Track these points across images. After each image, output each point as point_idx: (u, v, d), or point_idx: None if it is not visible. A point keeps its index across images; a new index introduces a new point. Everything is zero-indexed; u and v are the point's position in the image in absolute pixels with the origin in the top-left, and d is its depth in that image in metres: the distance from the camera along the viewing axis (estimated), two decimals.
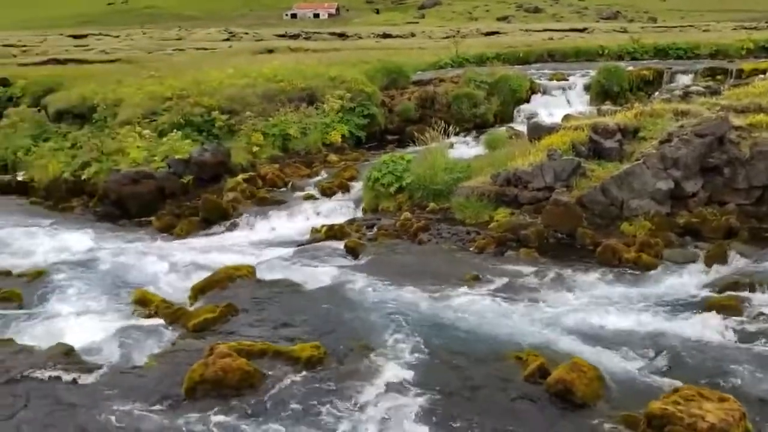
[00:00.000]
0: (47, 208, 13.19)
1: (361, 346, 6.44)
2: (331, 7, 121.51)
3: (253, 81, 16.77)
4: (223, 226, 11.15)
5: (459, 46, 25.08)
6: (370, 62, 19.72)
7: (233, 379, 5.72)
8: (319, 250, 9.37)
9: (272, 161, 14.06)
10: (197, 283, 8.14)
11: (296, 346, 6.33)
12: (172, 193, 12.38)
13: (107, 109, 16.07)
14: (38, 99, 19.91)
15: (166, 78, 17.74)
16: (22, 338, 6.87)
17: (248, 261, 8.93)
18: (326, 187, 12.24)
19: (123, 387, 5.79)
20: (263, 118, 15.11)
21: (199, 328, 6.95)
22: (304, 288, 7.94)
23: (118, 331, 7.03)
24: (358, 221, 10.59)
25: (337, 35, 55.26)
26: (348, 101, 16.39)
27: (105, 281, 8.82)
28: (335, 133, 15.45)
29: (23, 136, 16.72)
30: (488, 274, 8.11)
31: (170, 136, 13.53)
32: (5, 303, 7.89)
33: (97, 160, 13.32)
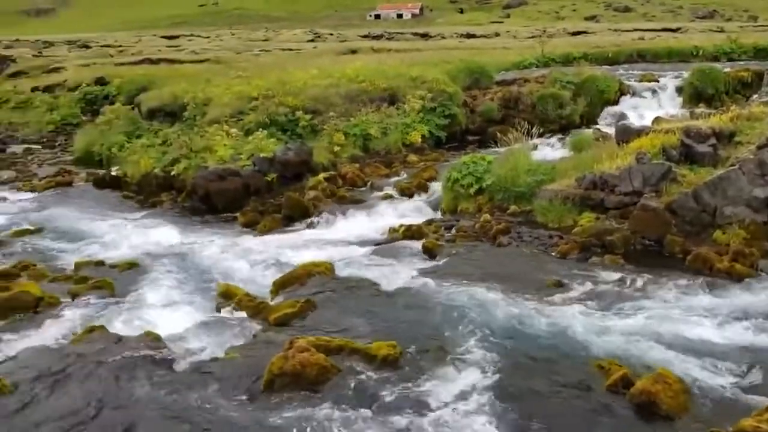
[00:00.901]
0: (138, 202, 13.76)
1: (437, 347, 6.41)
2: (414, 7, 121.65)
3: (336, 81, 16.98)
4: (304, 224, 11.33)
5: (545, 46, 24.59)
6: (453, 62, 19.62)
7: (311, 373, 5.81)
8: (396, 250, 9.38)
9: (353, 161, 14.19)
10: (278, 278, 8.31)
11: (373, 344, 6.36)
12: (257, 191, 12.67)
13: (197, 108, 16.60)
14: (132, 97, 20.83)
15: (253, 78, 18.19)
16: (113, 325, 7.20)
17: (327, 258, 9.03)
18: (405, 187, 12.25)
19: (206, 376, 5.97)
20: (345, 118, 15.27)
21: (279, 322, 7.10)
22: (381, 287, 7.96)
23: (203, 322, 7.28)
24: (436, 222, 10.54)
25: (419, 35, 55.28)
26: (429, 101, 16.34)
27: (191, 274, 9.12)
28: (415, 134, 15.44)
29: (118, 132, 17.50)
30: (571, 280, 7.90)
31: (256, 135, 13.86)
32: (98, 291, 8.28)
33: (186, 156, 13.77)
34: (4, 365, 6.20)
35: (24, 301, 7.72)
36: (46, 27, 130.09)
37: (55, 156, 19.82)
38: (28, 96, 27.67)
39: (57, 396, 5.59)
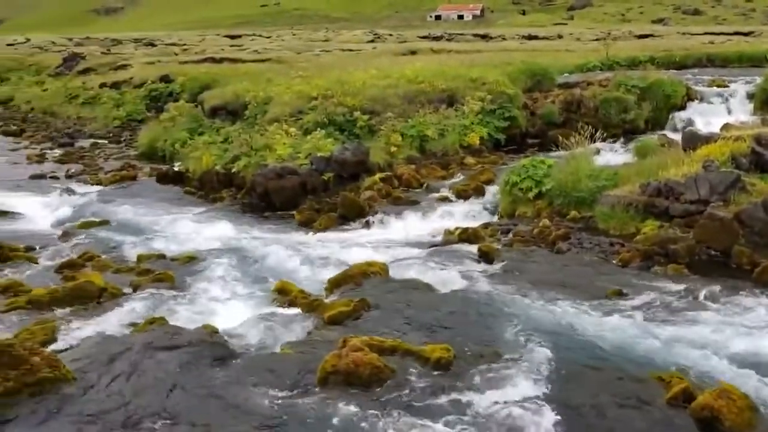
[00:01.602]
0: (199, 197, 14.07)
1: (491, 352, 6.32)
2: (475, 8, 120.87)
3: (394, 82, 16.98)
4: (359, 223, 11.38)
5: (609, 49, 24.06)
6: (513, 64, 19.38)
7: (364, 372, 5.81)
8: (451, 253, 9.30)
9: (409, 162, 14.16)
10: (333, 277, 8.35)
11: (426, 346, 6.32)
12: (314, 189, 12.79)
13: (257, 106, 16.86)
14: (195, 95, 21.28)
15: (313, 78, 18.35)
16: (172, 317, 7.36)
17: (381, 258, 9.04)
18: (461, 189, 12.15)
19: (261, 370, 6.04)
20: (403, 119, 15.25)
21: (333, 320, 7.12)
22: (435, 289, 7.92)
23: (259, 318, 7.36)
24: (493, 225, 10.41)
25: (480, 36, 54.87)
26: (488, 103, 16.16)
27: (248, 269, 9.25)
28: (473, 135, 15.30)
29: (181, 129, 17.95)
30: (632, 288, 7.68)
31: (314, 135, 13.98)
32: (159, 284, 8.48)
33: (246, 154, 14.00)
34: (68, 353, 6.40)
35: (88, 291, 7.97)
36: (114, 25, 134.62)
37: (120, 151, 20.47)
38: (96, 92, 28.68)
39: (117, 385, 5.74)
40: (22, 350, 5.64)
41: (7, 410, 5.33)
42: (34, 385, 5.52)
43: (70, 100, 29.28)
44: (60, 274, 9.00)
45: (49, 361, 5.71)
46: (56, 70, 42.85)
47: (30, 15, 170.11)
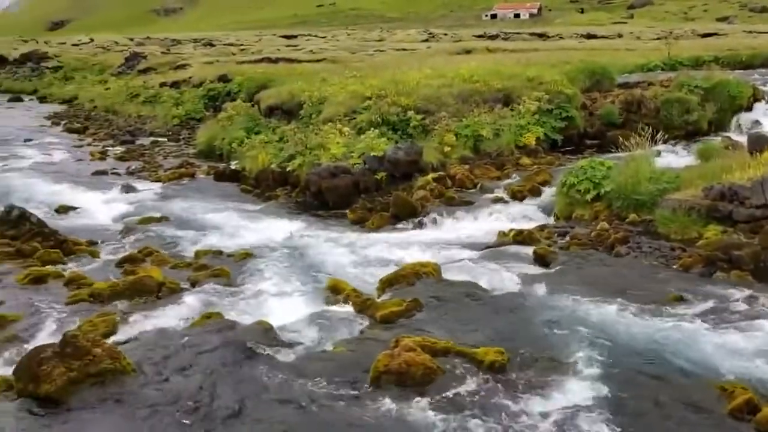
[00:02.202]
0: (255, 195, 14.28)
1: (546, 357, 6.21)
2: (532, 7, 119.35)
3: (449, 81, 16.88)
4: (411, 223, 11.34)
5: (671, 48, 23.40)
6: (572, 63, 19.04)
7: (416, 373, 5.78)
8: (505, 255, 9.18)
9: (463, 162, 14.05)
10: (385, 276, 8.34)
11: (479, 348, 6.25)
12: (366, 188, 12.82)
13: (312, 106, 17.01)
14: (252, 94, 21.62)
15: (367, 77, 18.41)
16: (228, 312, 7.47)
17: (434, 259, 8.98)
18: (517, 190, 11.98)
19: (314, 368, 6.08)
20: (457, 119, 15.15)
21: (385, 319, 7.12)
22: (488, 291, 7.83)
23: (312, 315, 7.42)
24: (549, 228, 10.23)
25: (537, 35, 54.16)
26: (545, 103, 15.90)
27: (302, 267, 9.33)
28: (529, 136, 15.08)
29: (238, 128, 18.24)
30: (693, 295, 7.43)
31: (367, 134, 14.02)
32: (216, 279, 8.63)
33: (301, 153, 14.14)
34: (128, 345, 6.57)
35: (147, 286, 8.16)
36: (174, 25, 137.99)
37: (179, 149, 20.94)
38: (156, 91, 29.44)
39: (174, 378, 5.87)
40: (85, 341, 5.82)
41: (71, 398, 5.51)
42: (96, 376, 5.68)
43: (132, 99, 30.13)
44: (121, 268, 9.25)
45: (111, 353, 5.87)
46: (118, 70, 44.21)
47: (94, 16, 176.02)
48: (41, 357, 5.66)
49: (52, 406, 5.46)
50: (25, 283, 8.61)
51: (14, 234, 10.63)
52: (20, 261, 9.55)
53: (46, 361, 5.62)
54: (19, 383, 5.68)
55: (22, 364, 5.75)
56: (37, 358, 5.67)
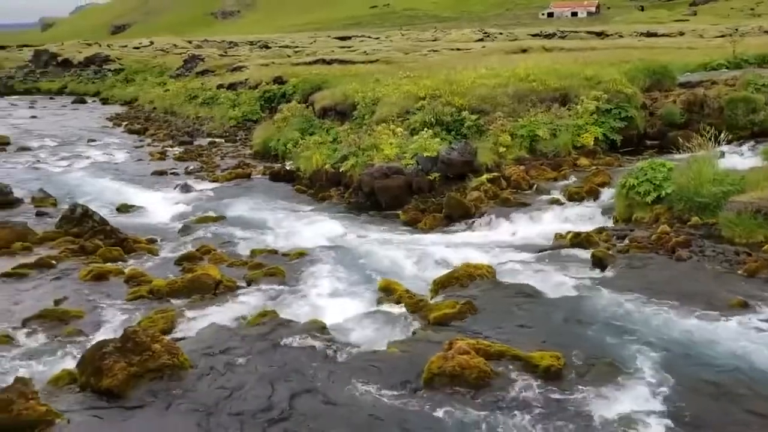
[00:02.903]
0: (309, 195, 14.42)
1: (604, 363, 6.05)
2: (590, 5, 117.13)
3: (504, 81, 16.68)
4: (465, 224, 11.25)
5: (736, 46, 22.58)
6: (631, 62, 18.54)
7: (470, 376, 5.72)
8: (562, 258, 9.00)
9: (518, 162, 13.85)
10: (438, 278, 8.29)
11: (535, 353, 6.14)
12: (419, 189, 12.78)
13: (366, 107, 17.07)
14: (307, 96, 21.87)
15: (421, 78, 18.37)
16: (283, 311, 7.55)
17: (488, 261, 8.88)
18: (574, 191, 11.74)
19: (367, 368, 6.08)
20: (512, 119, 14.95)
21: (438, 321, 7.07)
22: (544, 295, 7.68)
23: (365, 315, 7.44)
24: (607, 230, 9.99)
25: (595, 34, 53.13)
26: (604, 102, 15.54)
27: (354, 267, 9.36)
28: (587, 136, 14.75)
29: (293, 129, 18.48)
30: (758, 300, 7.13)
31: (421, 135, 13.97)
32: (271, 278, 8.74)
33: (354, 154, 14.20)
34: (186, 341, 6.70)
35: (205, 283, 8.32)
36: (231, 28, 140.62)
37: (235, 149, 21.33)
38: (214, 93, 30.04)
39: (230, 374, 5.96)
40: (145, 337, 5.95)
41: (131, 392, 5.65)
42: (155, 371, 5.81)
43: (190, 100, 30.84)
44: (179, 266, 9.47)
45: (169, 349, 6.00)
46: (177, 72, 45.36)
47: (154, 19, 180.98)
48: (103, 351, 5.82)
49: (113, 400, 5.61)
50: (87, 280, 8.89)
51: (78, 231, 11.00)
52: (83, 258, 9.87)
53: (107, 355, 5.77)
54: (82, 376, 5.85)
55: (85, 359, 5.93)
56: (99, 352, 5.83)
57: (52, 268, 9.41)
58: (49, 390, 5.80)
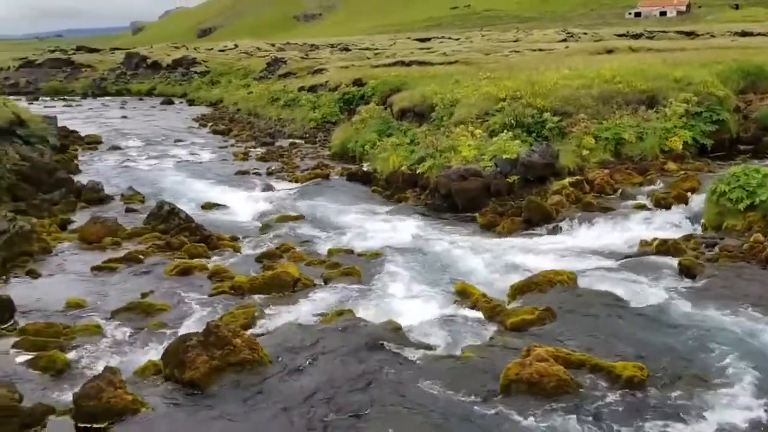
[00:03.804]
0: (385, 196, 14.48)
1: (691, 375, 5.81)
2: (681, 4, 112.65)
3: (589, 82, 16.24)
4: (544, 229, 11.01)
5: None
6: (724, 63, 17.71)
7: (548, 384, 5.59)
8: (647, 265, 8.66)
9: (602, 166, 13.44)
10: (517, 283, 8.15)
11: (617, 362, 5.94)
12: (497, 192, 12.60)
13: (444, 109, 16.99)
14: (385, 98, 21.96)
15: (501, 79, 18.13)
16: (358, 310, 7.60)
17: (568, 267, 8.66)
18: (661, 197, 11.29)
19: (442, 371, 6.03)
20: (597, 121, 14.54)
21: (516, 327, 6.95)
22: (628, 304, 7.43)
23: (440, 318, 7.39)
24: (696, 238, 9.56)
25: (684, 34, 51.08)
26: (694, 105, 14.89)
27: (430, 269, 9.33)
28: (676, 140, 14.16)
29: (371, 131, 18.60)
30: None
31: (500, 136, 13.77)
32: (347, 277, 8.82)
33: (431, 155, 14.15)
34: (265, 337, 6.84)
35: (284, 281, 8.48)
36: (312, 31, 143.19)
37: (315, 150, 21.68)
38: (295, 95, 30.63)
39: (307, 372, 6.03)
40: (227, 332, 6.11)
41: (212, 385, 5.81)
42: (236, 365, 5.96)
43: (272, 103, 31.56)
44: (259, 263, 9.69)
45: (250, 344, 6.13)
46: (260, 74, 46.57)
47: (239, 22, 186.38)
48: (186, 345, 6.00)
49: (195, 392, 5.78)
50: (173, 274, 9.22)
51: (164, 228, 11.43)
52: (169, 253, 10.25)
53: (191, 348, 5.96)
54: (166, 368, 6.06)
55: (169, 351, 6.14)
56: (182, 345, 6.03)
57: (139, 263, 9.82)
58: (135, 380, 6.04)
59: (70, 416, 5.47)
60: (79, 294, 8.48)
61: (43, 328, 7.28)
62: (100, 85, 58.37)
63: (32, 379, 6.21)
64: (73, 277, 9.39)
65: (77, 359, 6.64)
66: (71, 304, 8.13)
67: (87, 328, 7.33)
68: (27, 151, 15.94)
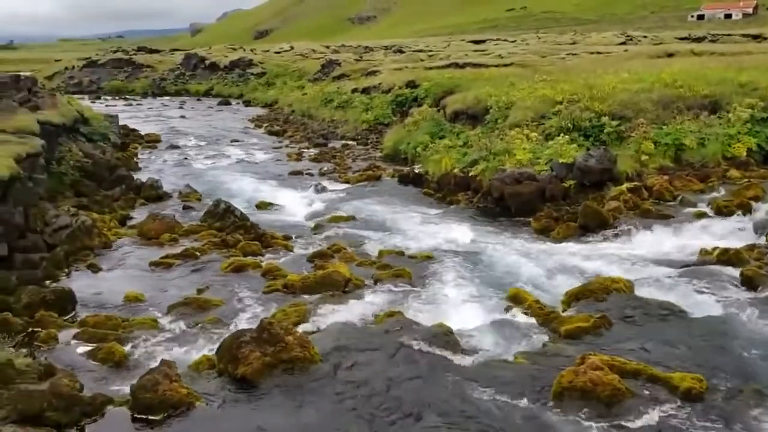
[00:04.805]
0: (437, 199, 14.40)
1: (752, 389, 5.62)
2: (747, 6, 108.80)
3: (648, 86, 15.85)
4: (601, 235, 10.78)
5: None
6: None
7: (603, 393, 5.48)
8: (707, 275, 8.40)
9: (661, 172, 13.08)
10: (572, 290, 8.01)
11: (675, 373, 5.78)
12: (552, 196, 12.40)
13: (499, 111, 16.82)
14: (438, 100, 21.86)
15: (558, 82, 17.86)
16: (409, 312, 7.60)
17: (625, 275, 8.47)
18: (723, 205, 10.93)
19: (493, 376, 5.98)
20: (656, 126, 14.17)
21: (570, 334, 6.84)
22: (686, 314, 7.24)
23: (492, 323, 7.33)
24: (759, 248, 9.22)
25: (751, 37, 49.33)
26: (760, 111, 14.35)
27: (482, 273, 9.25)
28: (740, 146, 13.68)
29: (423, 133, 18.56)
30: None
31: (556, 140, 13.56)
32: (398, 279, 8.82)
33: (485, 158, 14.02)
34: (316, 335, 6.89)
35: (335, 281, 8.53)
36: (367, 33, 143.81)
37: (366, 152, 21.75)
38: (348, 96, 30.79)
39: (357, 371, 6.06)
40: (279, 329, 6.19)
41: (264, 381, 5.90)
42: (288, 362, 6.03)
43: (326, 104, 31.81)
44: (311, 263, 9.78)
45: (301, 342, 6.20)
46: (315, 76, 47.03)
47: (294, 25, 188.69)
48: (240, 341, 6.11)
49: (248, 387, 5.87)
50: (227, 271, 9.39)
51: (220, 226, 11.66)
52: (224, 251, 10.44)
53: (244, 344, 6.06)
54: (220, 363, 6.17)
55: (223, 346, 6.25)
56: (236, 341, 6.13)
57: (195, 259, 10.04)
58: (189, 374, 6.17)
59: (127, 407, 5.63)
60: (137, 288, 8.72)
61: (102, 320, 7.52)
62: (160, 85, 59.89)
63: (92, 370, 6.42)
64: (131, 271, 9.66)
65: (134, 352, 6.83)
66: (130, 298, 8.37)
67: (144, 322, 7.53)
68: (89, 149, 16.48)
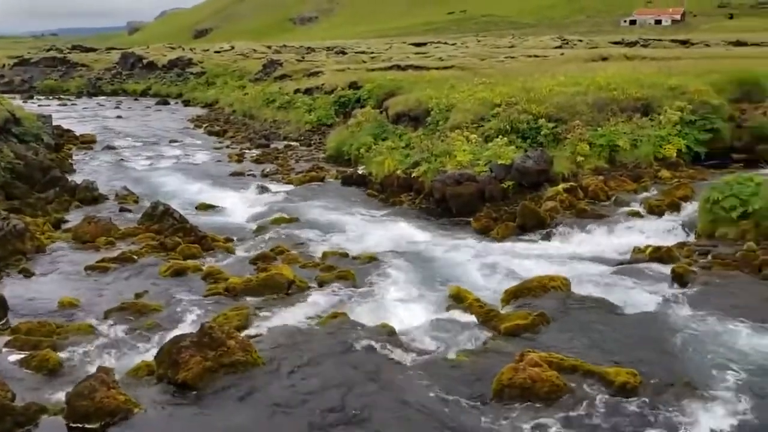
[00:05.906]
0: (380, 200, 14.46)
1: (683, 383, 5.82)
2: (676, 12, 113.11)
3: (584, 89, 16.30)
4: (538, 234, 11.04)
5: None
6: (719, 72, 17.80)
7: (541, 389, 5.61)
8: (640, 272, 8.71)
9: (596, 173, 13.48)
10: (510, 288, 8.16)
11: (610, 368, 5.97)
12: (492, 197, 12.62)
13: (440, 113, 17.01)
14: (381, 101, 21.98)
15: (496, 85, 18.17)
16: (352, 313, 7.61)
17: (562, 272, 8.66)
18: (654, 204, 11.35)
19: (435, 375, 6.04)
20: (591, 128, 14.60)
21: (509, 332, 6.97)
22: (621, 310, 7.47)
23: (434, 322, 7.41)
24: (689, 246, 9.61)
25: (679, 42, 51.33)
26: (689, 113, 14.96)
27: (424, 273, 9.34)
28: (670, 147, 14.23)
29: (366, 134, 18.59)
30: None
31: (495, 142, 13.81)
32: (342, 281, 8.82)
33: (426, 160, 14.17)
34: (258, 339, 6.83)
35: (278, 283, 8.47)
36: (309, 34, 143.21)
37: (310, 153, 21.66)
38: (291, 97, 30.59)
39: (300, 374, 6.03)
40: (220, 333, 6.11)
41: (205, 386, 5.81)
42: (229, 366, 5.95)
43: (268, 104, 31.51)
44: (254, 265, 9.68)
45: (243, 345, 6.13)
46: (256, 76, 46.49)
47: (234, 24, 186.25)
48: (180, 345, 6.00)
49: (188, 392, 5.78)
50: (167, 275, 9.21)
51: (158, 228, 11.42)
52: (163, 254, 10.23)
53: (184, 349, 5.95)
54: (159, 368, 6.05)
55: (163, 351, 6.13)
56: (176, 346, 6.02)
57: (133, 263, 9.80)
58: (128, 380, 6.03)
59: (62, 416, 5.46)
60: (72, 293, 8.47)
61: (35, 327, 7.26)
62: (96, 85, 58.15)
63: (25, 378, 6.20)
64: (66, 276, 9.38)
65: (70, 359, 6.63)
66: (64, 304, 8.11)
67: (80, 328, 7.31)
68: (21, 150, 15.90)
